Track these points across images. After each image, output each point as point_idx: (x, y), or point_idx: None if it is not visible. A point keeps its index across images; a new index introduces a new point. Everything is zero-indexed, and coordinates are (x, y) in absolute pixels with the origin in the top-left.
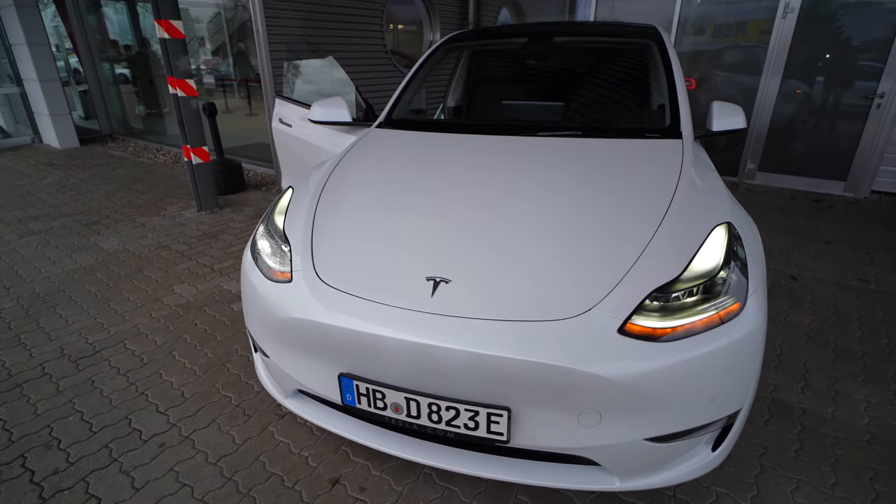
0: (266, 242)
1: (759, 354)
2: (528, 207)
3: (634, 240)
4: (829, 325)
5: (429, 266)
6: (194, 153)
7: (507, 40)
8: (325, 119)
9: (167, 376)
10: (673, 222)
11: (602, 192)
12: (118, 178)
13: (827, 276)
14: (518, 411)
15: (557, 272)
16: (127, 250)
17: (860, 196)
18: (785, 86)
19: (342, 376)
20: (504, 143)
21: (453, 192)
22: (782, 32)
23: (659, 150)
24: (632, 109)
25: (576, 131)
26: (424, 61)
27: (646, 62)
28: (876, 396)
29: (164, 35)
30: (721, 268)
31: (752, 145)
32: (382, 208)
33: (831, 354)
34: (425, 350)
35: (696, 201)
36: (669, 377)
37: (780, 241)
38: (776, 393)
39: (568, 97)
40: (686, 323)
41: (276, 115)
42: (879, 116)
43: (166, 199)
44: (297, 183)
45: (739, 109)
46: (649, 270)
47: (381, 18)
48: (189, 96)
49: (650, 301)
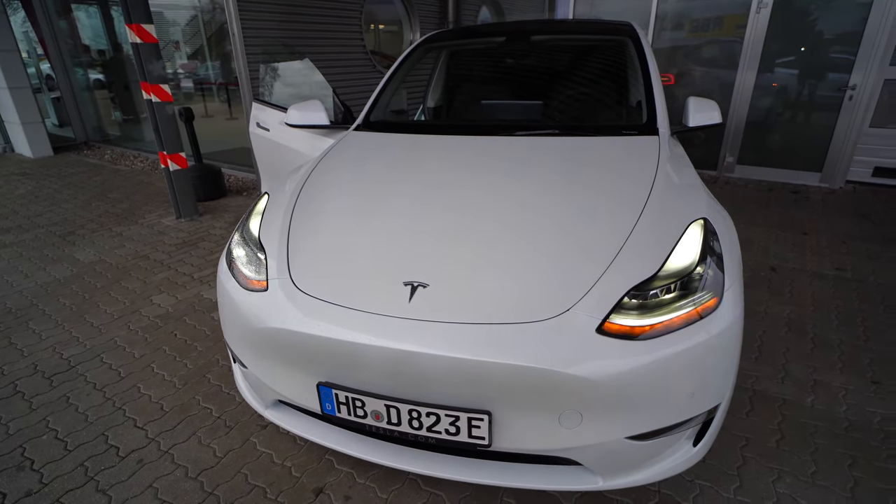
0: (241, 250)
1: (737, 348)
2: (505, 208)
3: (611, 239)
4: (807, 314)
5: (406, 271)
6: (171, 159)
7: (484, 40)
8: (301, 123)
9: (145, 390)
10: (649, 220)
11: (579, 191)
12: (94, 187)
13: (805, 267)
14: (499, 415)
15: (535, 273)
16: (104, 261)
17: (835, 186)
18: (761, 79)
19: (321, 385)
20: (482, 143)
21: (430, 194)
22: (757, 27)
23: (636, 147)
24: (609, 107)
25: (553, 130)
26: (402, 62)
27: (622, 59)
28: (853, 384)
29: (136, 39)
30: (697, 264)
31: (730, 139)
32: (359, 213)
33: (810, 344)
34: (403, 356)
35: (672, 198)
36: (648, 375)
37: (759, 232)
38: (757, 384)
39: (546, 95)
40: (664, 320)
41: (254, 119)
42: (851, 108)
43: (144, 207)
44: (273, 188)
45: (715, 105)
46: (626, 269)
47: (359, 19)
48: (164, 102)
49: (628, 299)
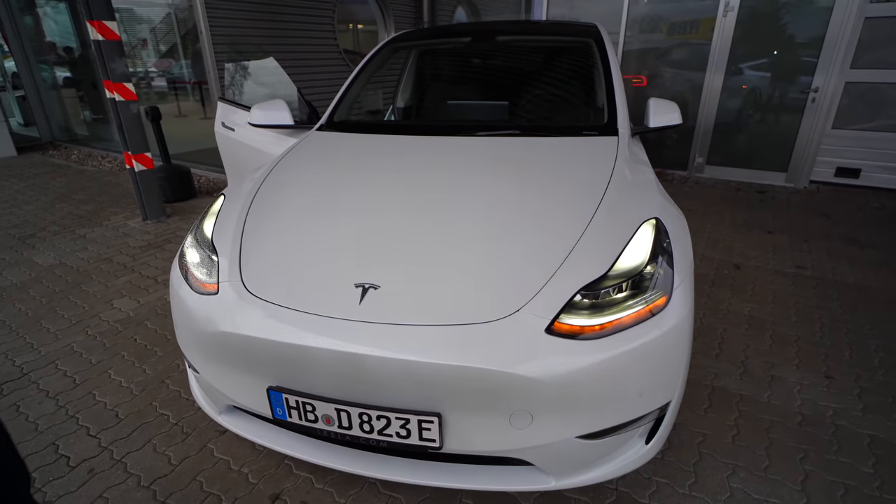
0: (194, 253)
1: (687, 346)
2: (460, 210)
3: (564, 239)
4: (767, 311)
5: (358, 272)
6: (136, 160)
7: (451, 40)
8: (265, 122)
9: (101, 397)
10: (602, 220)
11: (535, 191)
12: (58, 188)
13: (767, 265)
14: (449, 416)
15: (487, 274)
16: (64, 264)
17: (800, 186)
18: (728, 81)
19: (271, 390)
20: (444, 143)
21: (386, 195)
22: (724, 30)
23: (595, 147)
24: (572, 107)
25: (515, 130)
26: (367, 63)
27: (585, 61)
28: (808, 379)
29: (98, 37)
30: (647, 263)
31: (699, 140)
32: (314, 214)
33: (769, 340)
34: (352, 359)
35: (626, 198)
36: (597, 374)
37: (726, 231)
38: (716, 381)
39: (511, 96)
40: (613, 319)
41: (219, 119)
42: (814, 110)
43: (110, 208)
44: (230, 190)
45: (675, 106)
46: (577, 269)
47: (332, 18)
48: (128, 100)
49: (580, 299)
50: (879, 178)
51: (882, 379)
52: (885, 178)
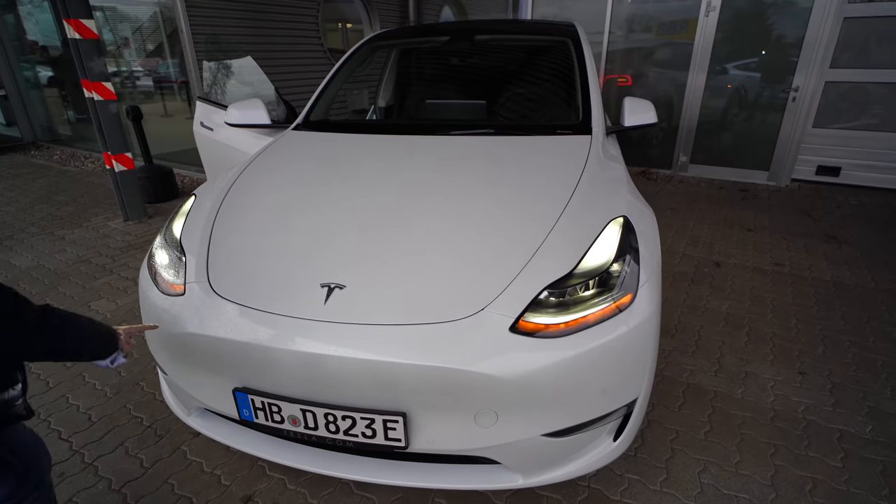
0: (163, 253)
1: (653, 343)
2: (429, 209)
3: (531, 238)
4: (744, 308)
5: (324, 272)
6: (116, 160)
7: (429, 39)
8: (241, 122)
9: (74, 399)
10: (570, 218)
11: (504, 191)
12: (38, 189)
13: (746, 262)
14: (414, 416)
15: (453, 273)
16: (42, 266)
17: (781, 185)
18: (711, 81)
19: (236, 391)
20: (417, 143)
21: (356, 195)
22: (706, 30)
23: (567, 146)
24: (548, 106)
25: (489, 130)
26: (345, 62)
27: (562, 60)
28: (782, 375)
29: (75, 35)
30: (614, 261)
31: (683, 139)
32: (283, 214)
33: (745, 337)
34: (315, 360)
35: (595, 197)
36: (560, 371)
37: (707, 230)
38: (692, 377)
39: (488, 95)
40: (578, 317)
41: (198, 119)
42: (795, 109)
43: (91, 209)
44: (202, 190)
45: (650, 105)
46: (543, 267)
47: (317, 17)
48: (107, 100)
49: (546, 297)
50: (859, 175)
51: (853, 374)
52: (864, 175)
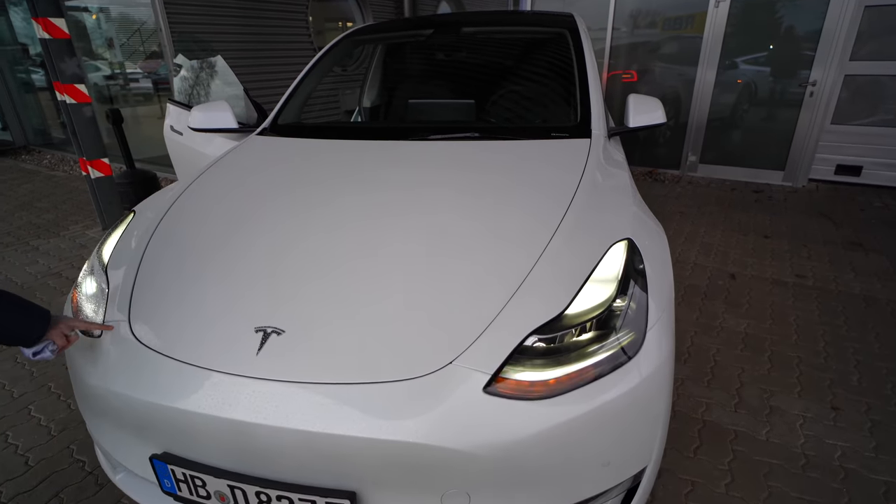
0: (89, 281)
1: (666, 399)
2: (394, 236)
3: (514, 269)
4: (765, 328)
5: (260, 313)
6: (92, 166)
7: (412, 33)
8: (206, 126)
9: (14, 438)
10: (563, 243)
11: (486, 210)
12: (21, 196)
13: (765, 273)
14: (366, 496)
15: (417, 315)
16: (9, 280)
17: (798, 185)
18: (721, 76)
19: (154, 459)
20: (391, 150)
21: (310, 216)
22: (716, 22)
23: (563, 152)
24: (542, 106)
25: (473, 134)
26: (319, 59)
27: (558, 54)
28: (812, 410)
29: (45, 35)
30: (617, 296)
31: (692, 137)
32: (223, 238)
33: (767, 363)
34: (242, 429)
35: (593, 214)
36: (550, 444)
37: (720, 236)
38: (708, 413)
39: (476, 94)
40: (572, 371)
41: (168, 122)
42: (812, 104)
43: (71, 217)
44: (143, 205)
45: (657, 103)
46: (528, 307)
47: (305, 14)
48: (80, 103)
49: (531, 344)
50: (882, 175)
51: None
52: (889, 175)
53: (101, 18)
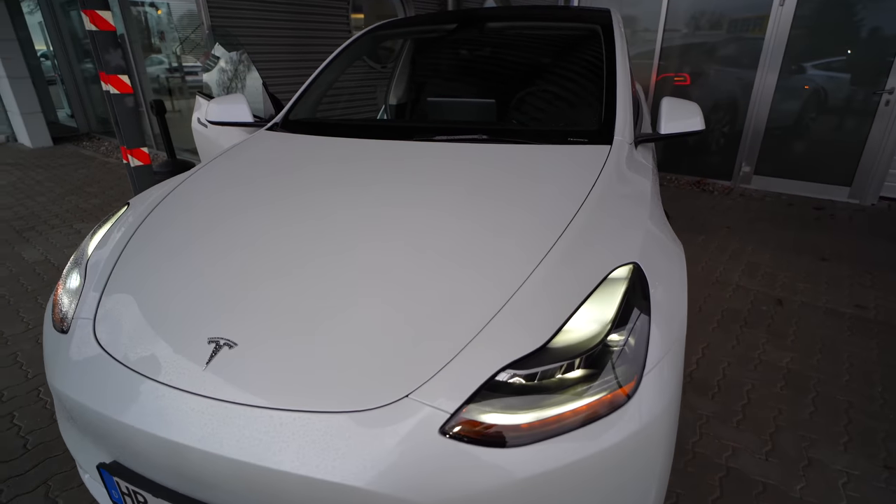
0: (73, 275)
1: (663, 456)
2: (373, 246)
3: (496, 290)
4: (812, 364)
5: (216, 322)
6: (132, 154)
7: (435, 28)
8: (222, 119)
9: (19, 419)
10: (556, 263)
11: (478, 222)
12: (75, 180)
13: (818, 301)
14: None
15: (380, 338)
16: (47, 261)
17: (867, 203)
18: (784, 81)
19: (101, 468)
20: (393, 152)
21: (290, 222)
22: (780, 22)
23: (577, 159)
24: (564, 109)
25: (482, 136)
26: (338, 55)
27: (587, 52)
28: (859, 467)
29: (92, 27)
30: (613, 329)
31: (747, 146)
32: (197, 239)
33: (810, 406)
34: (177, 450)
35: (599, 230)
36: (517, 502)
37: (769, 256)
38: (734, 459)
39: (497, 93)
40: (552, 415)
41: (195, 115)
42: (888, 114)
43: (115, 203)
44: (139, 198)
45: (695, 108)
46: (506, 335)
47: (346, 10)
48: (123, 93)
49: (506, 379)
50: None
51: None
52: None
53: (163, 13)
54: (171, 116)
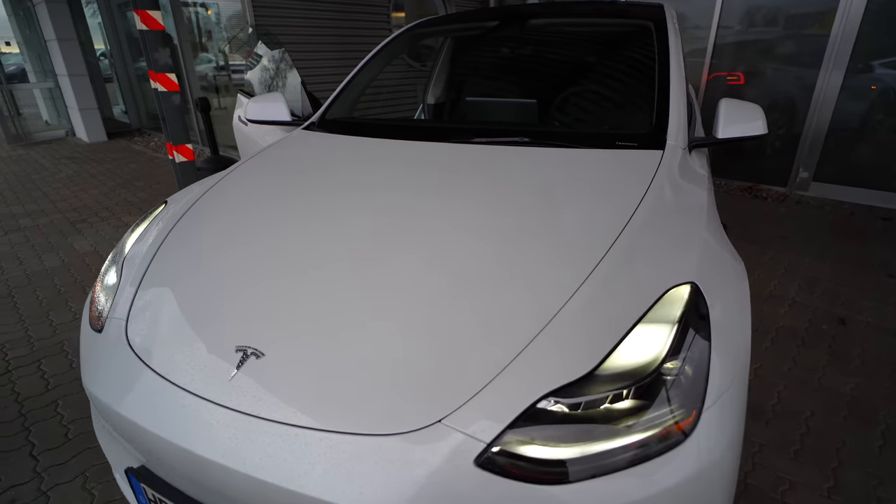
0: (110, 273)
1: (727, 496)
2: (409, 257)
3: (537, 309)
4: (880, 393)
5: (244, 330)
6: (177, 151)
7: (480, 25)
8: (260, 117)
9: (62, 408)
10: (604, 282)
11: (519, 233)
12: (125, 174)
13: (885, 322)
14: None
15: (411, 355)
16: (97, 252)
17: None
18: (850, 80)
19: (129, 473)
20: (430, 153)
21: (324, 226)
22: (848, 17)
23: (626, 165)
24: (612, 110)
25: (524, 139)
26: (377, 53)
27: (638, 50)
28: None
29: (143, 26)
30: (668, 356)
31: (806, 150)
32: (228, 243)
33: (878, 439)
34: (199, 463)
35: (650, 245)
36: None
37: (829, 270)
38: (791, 495)
39: (540, 93)
40: (595, 452)
41: (237, 112)
42: None
43: (161, 197)
44: (177, 196)
45: (757, 110)
46: (548, 359)
47: (387, 9)
48: (170, 91)
49: (547, 406)
50: None
51: None
52: None
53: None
54: (216, 114)
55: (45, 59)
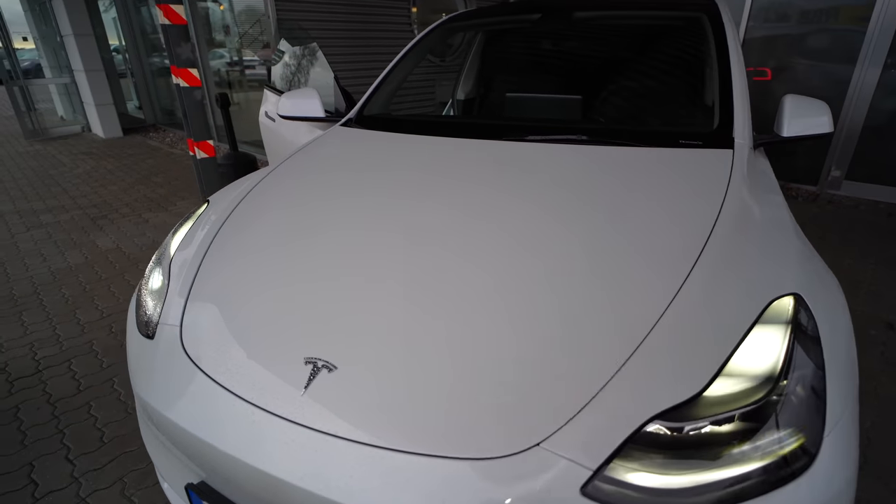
0: (156, 275)
1: None
2: (483, 262)
3: (630, 323)
4: None
5: (314, 341)
6: (198, 147)
7: (519, 18)
8: (294, 113)
9: (95, 410)
10: (698, 292)
11: (601, 241)
12: (143, 170)
13: None
14: None
15: (500, 373)
16: (119, 249)
17: None
18: (887, 77)
19: (190, 489)
20: (483, 151)
21: (388, 228)
22: (887, 11)
23: (696, 166)
24: (667, 107)
25: (580, 136)
26: (413, 47)
27: (691, 44)
28: None
29: (165, 21)
30: (779, 377)
31: (839, 148)
32: (288, 244)
33: None
34: (274, 485)
35: (742, 254)
36: None
37: (871, 273)
38: None
39: (585, 89)
40: (704, 483)
41: (263, 108)
42: None
43: (180, 193)
44: (219, 195)
45: (823, 107)
46: (649, 378)
47: (408, 4)
48: (192, 86)
49: (653, 431)
50: None
51: None
52: None
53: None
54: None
55: (60, 54)
